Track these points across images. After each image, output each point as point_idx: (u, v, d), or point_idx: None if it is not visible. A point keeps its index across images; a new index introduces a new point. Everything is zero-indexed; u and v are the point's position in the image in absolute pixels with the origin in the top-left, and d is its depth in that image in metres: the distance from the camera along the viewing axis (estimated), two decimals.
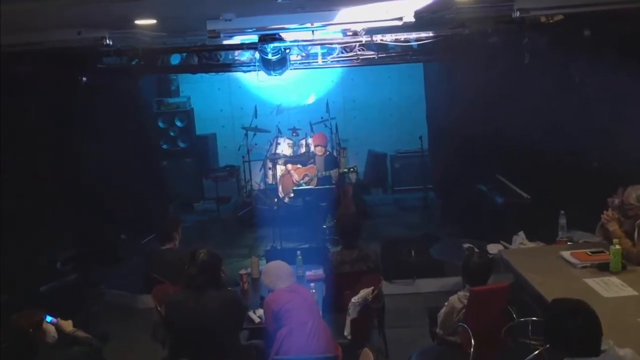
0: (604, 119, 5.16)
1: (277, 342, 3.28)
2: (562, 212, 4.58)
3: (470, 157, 6.57)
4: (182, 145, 8.75)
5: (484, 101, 6.19)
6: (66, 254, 5.48)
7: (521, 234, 5.22)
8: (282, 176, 7.39)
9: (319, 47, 6.42)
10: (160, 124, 8.68)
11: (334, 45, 6.33)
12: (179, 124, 8.71)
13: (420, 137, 7.98)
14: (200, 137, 9.08)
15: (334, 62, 6.64)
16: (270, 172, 8.12)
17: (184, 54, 6.59)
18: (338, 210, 6.83)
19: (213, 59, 6.66)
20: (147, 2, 3.74)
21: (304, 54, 6.61)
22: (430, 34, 5.85)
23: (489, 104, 6.13)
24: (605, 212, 3.99)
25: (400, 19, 4.40)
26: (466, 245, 5.25)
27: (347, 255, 4.21)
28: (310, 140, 7.57)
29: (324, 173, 6.90)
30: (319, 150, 7.08)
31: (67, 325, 3.41)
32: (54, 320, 3.37)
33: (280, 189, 7.31)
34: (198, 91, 9.14)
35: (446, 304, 3.63)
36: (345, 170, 6.83)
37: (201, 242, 6.86)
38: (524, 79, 5.57)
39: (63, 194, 5.80)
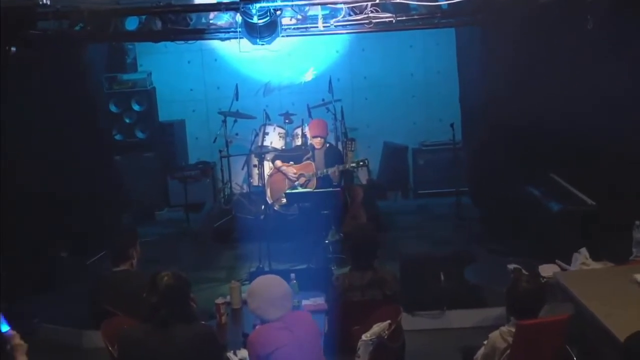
0: None
1: None
2: (638, 222, 4.57)
3: (516, 150, 6.58)
4: (140, 135, 8.75)
5: (535, 78, 6.20)
6: None
7: (583, 251, 5.22)
8: (271, 176, 7.40)
9: (319, 7, 6.40)
10: (113, 108, 8.69)
11: (339, 6, 6.28)
12: (136, 107, 8.72)
13: (452, 125, 7.98)
14: (165, 125, 9.08)
15: (339, 28, 6.61)
16: (255, 171, 8.13)
17: (143, 17, 6.58)
18: (345, 220, 6.84)
19: (181, 24, 6.64)
20: None
21: (299, 17, 6.60)
22: None
23: (541, 82, 6.14)
24: None
25: None
26: (511, 267, 5.24)
27: (357, 279, 4.22)
28: (307, 130, 7.58)
29: (324, 171, 6.91)
30: (317, 143, 7.09)
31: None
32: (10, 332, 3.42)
33: (268, 192, 7.31)
34: (161, 65, 9.14)
35: (485, 342, 3.62)
36: (353, 165, 6.83)
37: (165, 262, 6.84)
38: (586, 51, 5.57)
39: None
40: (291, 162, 7.27)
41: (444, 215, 8.22)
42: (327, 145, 7.21)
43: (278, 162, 7.32)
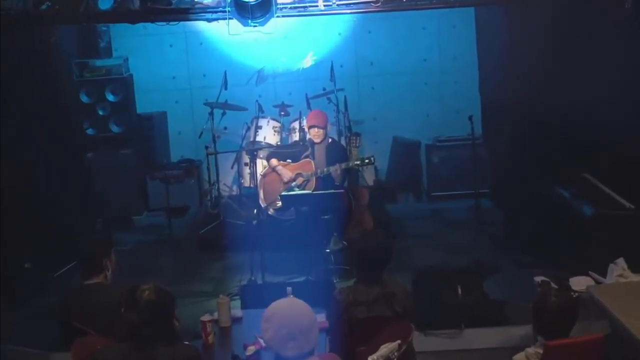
0: None
1: None
2: None
3: (545, 146, 6.58)
4: (115, 129, 8.75)
5: (567, 66, 6.20)
6: None
7: (620, 261, 5.21)
8: (265, 176, 7.40)
9: None
10: (84, 98, 8.68)
11: None
12: (111, 98, 8.72)
13: (471, 118, 7.97)
14: (143, 118, 9.09)
15: (342, 7, 6.64)
16: (246, 170, 8.12)
17: None
18: (349, 227, 6.84)
19: (162, 2, 6.65)
20: None
21: None
22: None
23: (573, 69, 6.14)
24: None
25: None
26: (539, 279, 5.23)
27: (363, 294, 4.21)
28: (305, 123, 7.59)
29: (325, 170, 6.91)
30: (314, 134, 7.08)
31: None
32: None
33: (261, 194, 7.32)
34: (140, 50, 9.14)
35: None
36: (357, 163, 6.82)
37: (145, 273, 6.85)
38: (625, 34, 5.57)
39: None
40: (288, 160, 7.26)
41: (462, 221, 8.21)
42: (330, 140, 7.20)
43: (273, 161, 7.31)
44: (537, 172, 6.74)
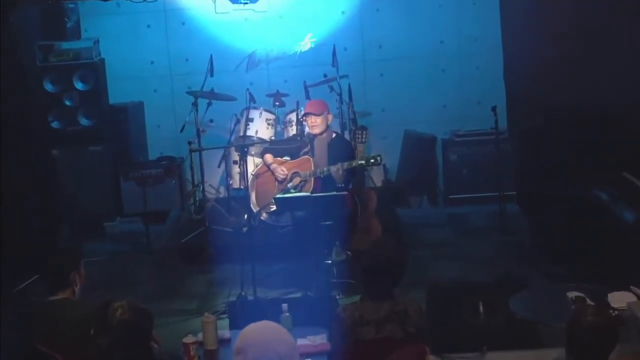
0: None
1: None
2: None
3: (579, 142, 6.57)
4: (85, 122, 8.75)
5: (605, 49, 6.19)
6: None
7: None
8: (258, 176, 7.40)
9: None
10: (48, 87, 8.68)
11: None
12: (79, 86, 8.71)
13: (494, 109, 7.99)
14: (117, 109, 9.08)
15: None
16: (236, 169, 8.13)
17: None
18: (353, 234, 6.84)
19: None
20: None
21: None
22: None
23: (613, 53, 6.13)
24: None
25: None
26: (572, 295, 5.23)
27: (371, 312, 4.22)
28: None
29: (325, 170, 6.90)
30: (311, 124, 7.07)
31: None
32: None
33: (253, 197, 7.32)
34: (112, 31, 9.14)
35: None
36: (361, 162, 6.82)
37: (118, 289, 6.85)
38: None
39: None
40: (286, 158, 7.27)
41: (484, 228, 8.23)
42: (334, 135, 7.20)
43: (268, 157, 7.31)
44: (571, 171, 6.73)
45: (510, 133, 8.32)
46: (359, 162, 6.75)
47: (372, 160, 6.76)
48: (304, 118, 7.19)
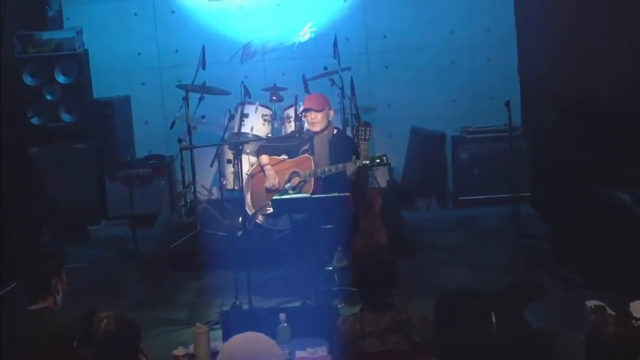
0: None
1: None
2: None
3: (600, 139, 6.56)
4: (67, 118, 8.76)
5: (626, 41, 6.18)
6: None
7: None
8: (253, 176, 7.41)
9: None
10: (28, 80, 8.68)
11: None
12: (61, 79, 8.72)
13: (507, 104, 7.98)
14: (101, 104, 9.09)
15: None
16: (230, 169, 8.13)
17: None
18: (356, 239, 6.84)
19: None
20: None
21: None
22: None
23: (634, 46, 6.12)
24: None
25: None
26: (591, 304, 5.24)
27: (373, 322, 4.22)
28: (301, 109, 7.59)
29: (326, 170, 6.90)
30: (311, 120, 7.06)
31: None
32: None
33: (248, 199, 7.32)
34: (97, 20, 9.15)
35: None
36: (366, 162, 6.81)
37: (104, 297, 6.82)
38: None
39: None
40: (284, 157, 7.26)
41: (496, 232, 8.23)
42: (335, 131, 7.19)
43: (264, 158, 7.31)
44: (591, 171, 6.73)
45: (525, 130, 8.31)
46: (364, 162, 6.72)
47: (377, 161, 6.72)
48: (304, 114, 7.18)
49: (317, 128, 7.06)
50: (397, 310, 4.26)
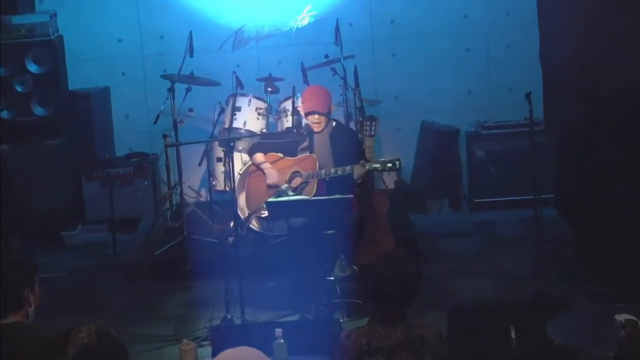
0: None
1: None
2: None
3: (631, 136, 6.56)
4: (40, 111, 8.76)
5: None
6: None
7: None
8: (246, 176, 7.41)
9: None
10: None
11: None
12: (33, 68, 8.72)
13: (528, 96, 7.99)
14: (78, 96, 9.09)
15: None
16: (220, 168, 8.13)
17: None
18: (361, 246, 6.84)
19: None
20: None
21: None
22: None
23: None
24: None
25: None
26: (622, 318, 5.25)
27: (381, 338, 4.21)
28: (300, 104, 7.59)
29: (332, 172, 6.89)
30: (313, 123, 7.06)
31: None
32: None
33: (242, 200, 7.34)
34: (72, 2, 9.16)
35: None
36: (376, 166, 6.80)
37: (80, 311, 6.84)
38: None
39: None
40: (280, 155, 7.25)
41: (516, 238, 8.24)
42: (334, 124, 7.17)
43: (259, 156, 7.30)
44: (620, 171, 6.73)
45: (548, 124, 8.31)
46: (374, 166, 6.72)
47: (389, 165, 6.69)
48: (306, 115, 7.12)
49: (319, 129, 7.05)
50: (409, 324, 4.25)
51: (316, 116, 6.98)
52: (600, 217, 7.05)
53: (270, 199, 6.77)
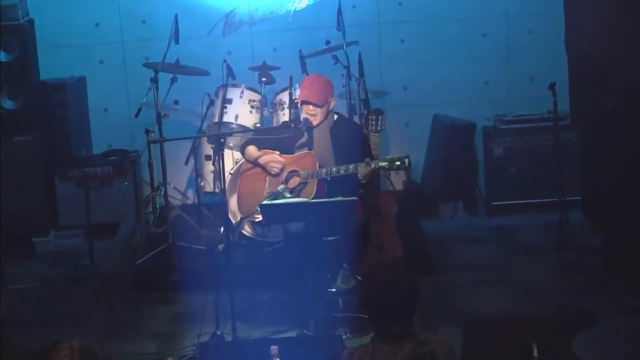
0: None
1: None
2: None
3: None
4: (8, 104, 8.78)
5: None
6: None
7: None
8: (238, 176, 7.42)
9: None
10: None
11: None
12: (1, 56, 8.74)
13: (552, 87, 7.98)
14: (51, 87, 9.10)
15: None
16: (209, 167, 8.14)
17: None
18: (366, 253, 6.84)
19: None
20: None
21: None
22: None
23: None
24: None
25: None
26: None
27: (387, 356, 4.22)
28: (298, 96, 7.58)
29: (333, 171, 6.88)
30: (311, 115, 7.04)
31: None
32: None
33: (234, 202, 7.35)
34: None
35: None
36: (383, 164, 6.79)
37: (52, 326, 6.83)
38: None
39: None
40: (276, 152, 7.24)
41: (539, 244, 8.26)
42: (335, 117, 7.16)
43: (252, 149, 7.25)
44: None
45: (574, 119, 8.30)
46: (380, 164, 6.69)
47: (397, 163, 6.65)
48: (300, 104, 7.10)
49: (315, 122, 7.01)
50: (418, 340, 4.25)
51: (310, 107, 6.93)
52: (633, 222, 7.05)
53: (264, 202, 6.75)
